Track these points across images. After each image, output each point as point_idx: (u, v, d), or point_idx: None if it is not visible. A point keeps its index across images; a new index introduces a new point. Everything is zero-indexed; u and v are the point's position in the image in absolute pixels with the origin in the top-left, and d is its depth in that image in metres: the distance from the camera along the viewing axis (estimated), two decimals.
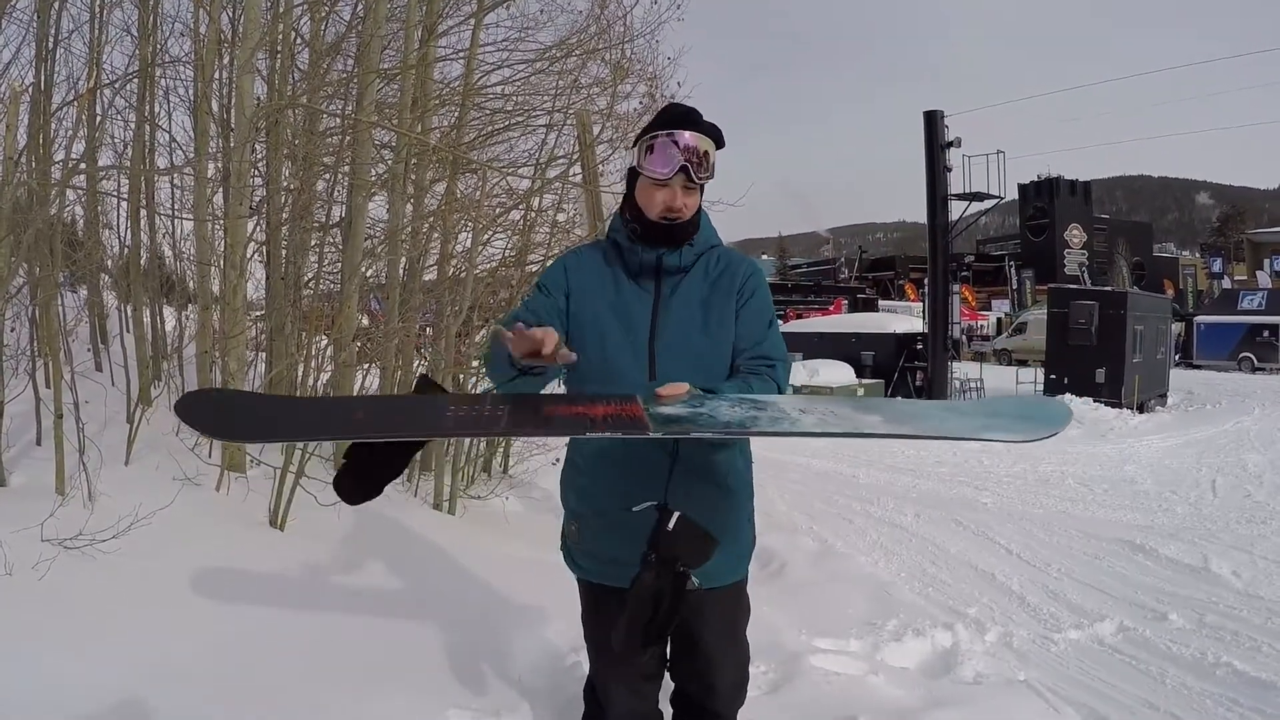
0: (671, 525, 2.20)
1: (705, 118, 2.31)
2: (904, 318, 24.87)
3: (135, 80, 6.03)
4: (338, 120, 6.51)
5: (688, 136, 2.25)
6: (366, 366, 6.55)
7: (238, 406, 2.16)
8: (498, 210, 6.87)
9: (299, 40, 6.58)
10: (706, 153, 2.28)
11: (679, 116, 2.32)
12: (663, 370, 2.27)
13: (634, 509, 2.28)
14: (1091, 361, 16.73)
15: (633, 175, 2.38)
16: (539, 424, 2.08)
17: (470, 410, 2.09)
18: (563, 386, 2.50)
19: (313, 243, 6.64)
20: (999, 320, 42.41)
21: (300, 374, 5.95)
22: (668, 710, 2.70)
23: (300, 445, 4.88)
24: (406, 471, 6.13)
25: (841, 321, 26.83)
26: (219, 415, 1.99)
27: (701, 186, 2.35)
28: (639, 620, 2.18)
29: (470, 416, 2.06)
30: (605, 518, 2.37)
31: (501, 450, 7.34)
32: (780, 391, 2.31)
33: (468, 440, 6.41)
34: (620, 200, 2.49)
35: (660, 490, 2.28)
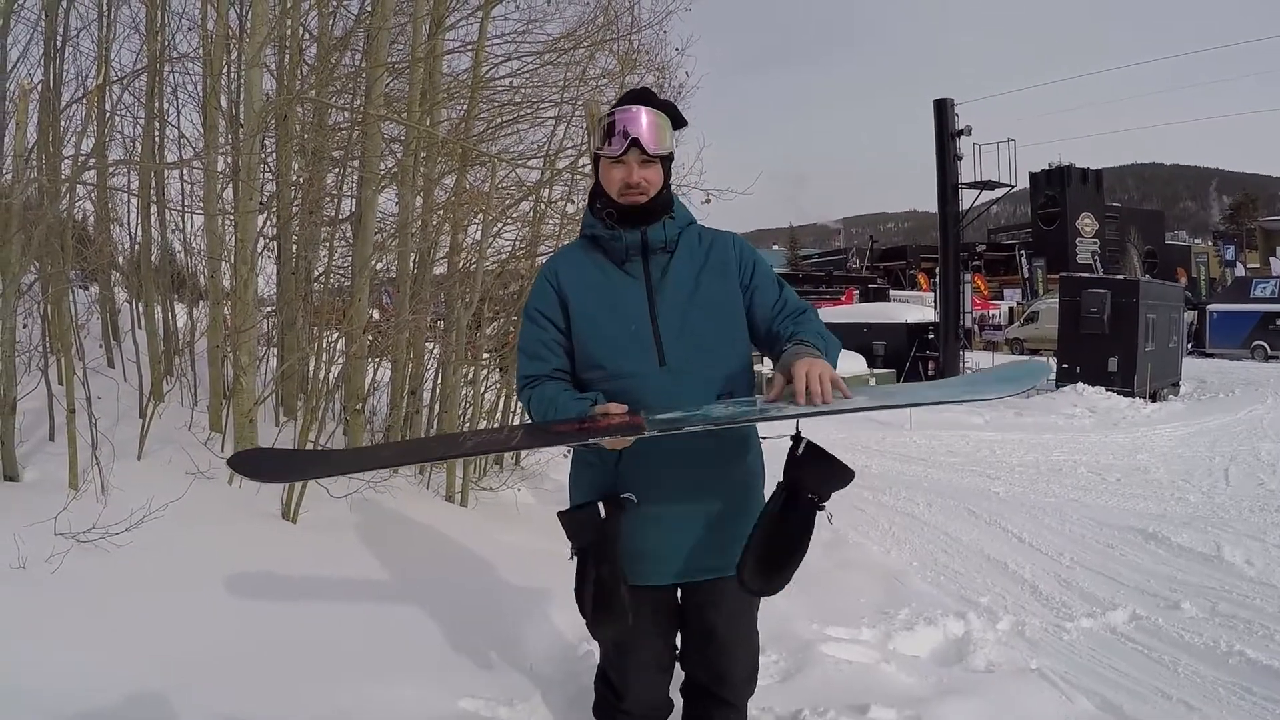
0: (800, 451, 2.26)
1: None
2: (915, 307, 24.80)
3: (144, 76, 6.05)
4: (347, 114, 6.52)
5: (636, 112, 2.29)
6: (377, 360, 6.56)
7: (282, 459, 2.41)
8: (507, 202, 6.88)
9: (307, 35, 6.59)
10: (659, 127, 2.30)
11: (631, 97, 2.39)
12: (670, 355, 2.27)
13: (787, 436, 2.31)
14: (1104, 350, 16.66)
15: (597, 162, 2.39)
16: (546, 439, 2.25)
17: (484, 436, 2.25)
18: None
19: (323, 237, 6.66)
20: (1011, 309, 42.26)
21: (311, 367, 5.97)
22: (678, 700, 2.71)
23: (312, 439, 4.92)
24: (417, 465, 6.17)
25: (853, 311, 26.77)
26: (267, 465, 2.22)
27: (666, 163, 2.37)
28: (766, 541, 2.27)
29: (486, 439, 2.20)
30: (629, 514, 2.33)
31: None
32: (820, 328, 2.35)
33: None
34: (589, 195, 2.50)
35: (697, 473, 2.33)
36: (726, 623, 2.48)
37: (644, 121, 2.28)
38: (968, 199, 19.31)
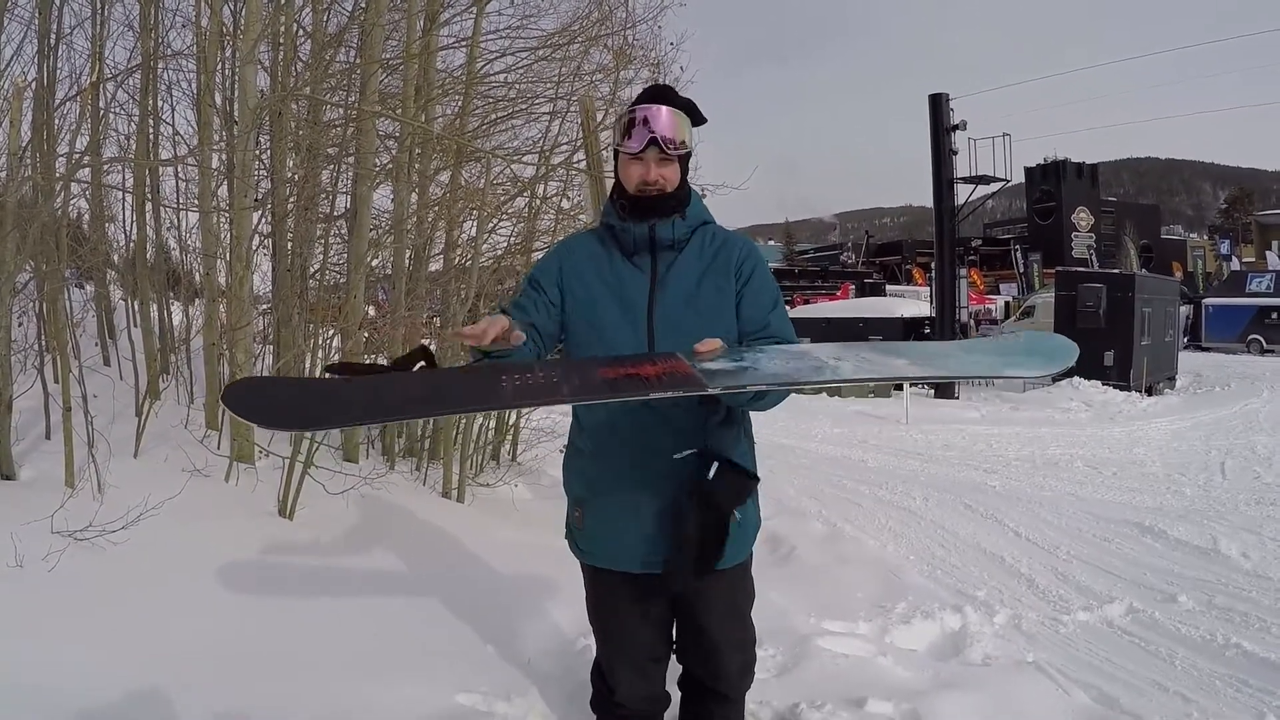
0: (711, 474, 2.26)
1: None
2: (911, 302, 24.77)
3: (138, 74, 6.04)
4: (341, 111, 6.51)
5: (657, 110, 2.31)
6: (373, 356, 6.56)
7: (286, 394, 2.14)
8: (502, 198, 6.87)
9: (301, 31, 6.57)
10: (678, 125, 2.33)
11: (652, 94, 2.42)
12: (660, 346, 2.29)
13: (676, 456, 2.30)
14: (1100, 344, 16.66)
15: (617, 156, 2.42)
16: (598, 388, 2.00)
17: (525, 378, 2.05)
18: None
19: (318, 233, 6.65)
20: (1007, 304, 42.20)
21: (307, 365, 5.96)
22: (676, 694, 2.71)
23: (309, 434, 4.90)
24: (416, 460, 6.16)
25: (849, 306, 26.79)
26: (268, 404, 1.98)
27: (684, 161, 2.40)
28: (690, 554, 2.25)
29: (528, 385, 2.02)
30: (609, 499, 2.39)
31: (510, 438, 7.36)
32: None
33: (476, 427, 6.43)
34: (612, 184, 2.52)
35: (673, 477, 2.30)
36: (716, 619, 2.49)
37: (664, 119, 2.30)
38: (963, 194, 19.27)
